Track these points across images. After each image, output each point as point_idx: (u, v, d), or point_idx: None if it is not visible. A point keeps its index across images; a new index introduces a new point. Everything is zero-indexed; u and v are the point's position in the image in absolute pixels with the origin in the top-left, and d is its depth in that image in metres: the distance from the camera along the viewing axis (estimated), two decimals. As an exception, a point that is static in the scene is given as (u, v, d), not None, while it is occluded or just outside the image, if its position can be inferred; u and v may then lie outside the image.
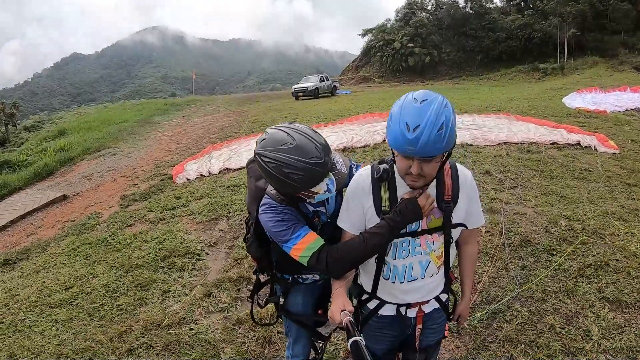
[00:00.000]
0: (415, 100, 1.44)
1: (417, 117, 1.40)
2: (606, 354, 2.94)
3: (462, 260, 1.94)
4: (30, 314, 4.04)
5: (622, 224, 4.63)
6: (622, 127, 9.15)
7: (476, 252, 1.94)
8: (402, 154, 1.47)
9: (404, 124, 1.41)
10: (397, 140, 1.44)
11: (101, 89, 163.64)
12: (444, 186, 1.69)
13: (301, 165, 1.55)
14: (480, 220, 1.81)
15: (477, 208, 1.79)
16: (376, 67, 42.57)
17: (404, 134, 1.40)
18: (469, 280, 1.95)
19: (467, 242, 1.91)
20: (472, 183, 1.75)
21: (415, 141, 1.39)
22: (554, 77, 25.95)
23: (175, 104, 22.58)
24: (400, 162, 1.53)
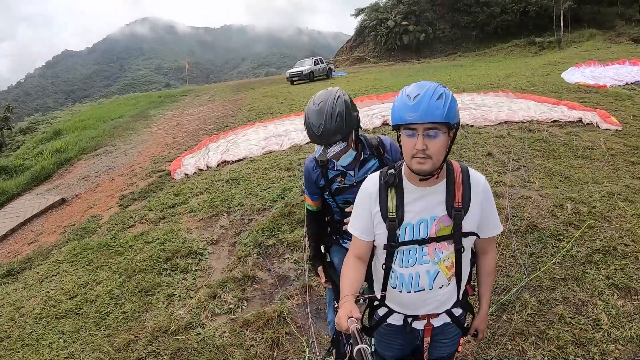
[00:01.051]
0: (415, 83, 1.56)
1: (416, 90, 1.50)
2: (616, 343, 2.92)
3: (480, 272, 1.87)
4: (37, 326, 4.01)
5: (629, 205, 4.59)
6: (624, 102, 9.01)
7: (495, 262, 1.87)
8: (404, 125, 1.50)
9: (406, 96, 1.51)
10: (400, 111, 1.50)
11: (94, 85, 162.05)
12: (454, 191, 1.63)
13: (306, 123, 2.08)
14: (497, 228, 1.75)
15: (493, 215, 1.72)
16: (370, 47, 42.08)
17: (405, 103, 1.49)
18: (486, 292, 1.88)
19: (485, 252, 1.84)
20: (487, 189, 1.68)
21: (416, 106, 1.46)
22: (550, 50, 25.62)
23: (170, 95, 22.33)
24: (406, 143, 1.53)
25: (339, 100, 2.02)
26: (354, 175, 2.23)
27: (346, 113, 2.00)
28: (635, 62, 13.74)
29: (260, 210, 5.56)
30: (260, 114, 12.43)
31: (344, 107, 2.00)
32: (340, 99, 2.03)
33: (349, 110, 2.03)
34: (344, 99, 2.03)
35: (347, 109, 2.02)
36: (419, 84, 1.53)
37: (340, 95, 2.05)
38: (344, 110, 2.00)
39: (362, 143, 2.23)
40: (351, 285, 1.64)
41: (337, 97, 2.03)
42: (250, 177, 6.73)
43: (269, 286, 4.12)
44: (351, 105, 2.07)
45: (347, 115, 2.01)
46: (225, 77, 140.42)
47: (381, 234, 1.68)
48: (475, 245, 1.81)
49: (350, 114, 2.03)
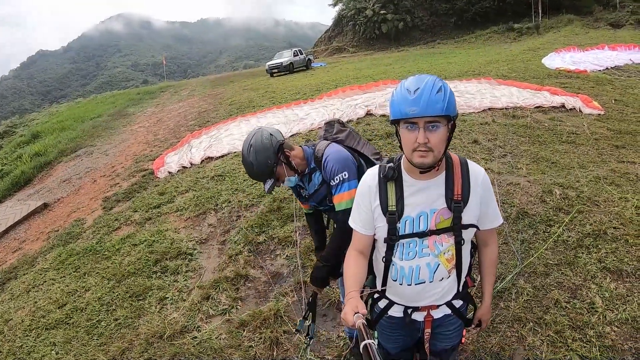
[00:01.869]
0: (414, 76, 1.54)
1: (416, 83, 1.48)
2: (612, 325, 2.97)
3: (482, 263, 1.88)
4: (27, 339, 3.89)
5: (615, 189, 4.65)
6: (604, 87, 9.16)
7: (497, 254, 1.88)
8: (406, 118, 1.48)
9: (405, 90, 1.48)
10: (400, 106, 1.48)
11: (71, 84, 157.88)
12: (454, 184, 1.62)
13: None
14: (497, 220, 1.75)
15: (493, 207, 1.72)
16: (349, 36, 41.89)
17: (406, 98, 1.47)
18: (489, 284, 1.89)
19: (486, 244, 1.85)
20: (486, 181, 1.68)
21: (417, 100, 1.44)
22: (529, 37, 25.83)
23: (149, 92, 21.90)
24: (406, 137, 1.52)
25: (251, 150, 2.21)
26: (306, 189, 2.48)
27: (259, 162, 2.20)
28: (614, 47, 13.99)
29: (248, 206, 5.49)
30: (241, 107, 12.29)
31: (255, 158, 2.20)
32: (252, 148, 2.21)
33: (262, 155, 2.20)
34: (255, 147, 2.21)
35: (260, 154, 2.20)
36: (417, 78, 1.51)
37: (253, 143, 2.22)
38: (256, 160, 2.20)
39: (307, 159, 2.39)
40: (355, 280, 1.64)
41: (250, 147, 2.22)
42: (236, 172, 6.63)
43: (262, 284, 4.07)
44: (265, 147, 2.22)
45: (261, 162, 2.20)
46: (204, 71, 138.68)
47: (381, 228, 1.68)
48: (476, 237, 1.82)
49: (264, 159, 2.21)
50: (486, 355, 2.85)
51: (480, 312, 1.93)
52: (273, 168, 2.23)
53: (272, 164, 2.22)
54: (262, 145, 2.21)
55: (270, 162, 2.21)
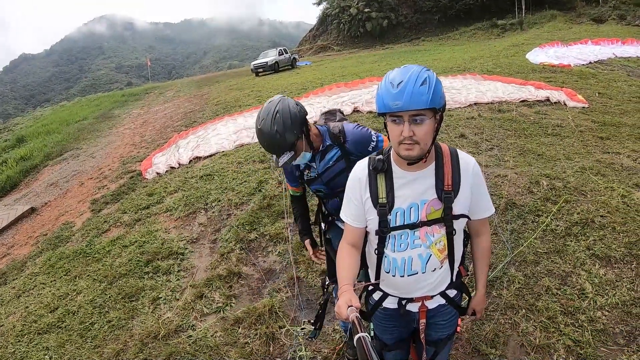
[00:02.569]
0: (399, 68, 1.53)
1: (400, 76, 1.47)
2: (603, 310, 3.04)
3: (475, 253, 1.89)
4: (20, 344, 3.83)
5: (601, 179, 4.74)
6: (588, 81, 9.31)
7: (489, 243, 1.87)
8: (390, 112, 1.48)
9: (389, 83, 1.47)
10: (384, 99, 1.48)
11: (55, 88, 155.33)
12: (444, 175, 1.62)
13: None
14: (488, 209, 1.75)
15: (484, 197, 1.73)
16: (334, 35, 41.96)
17: (389, 91, 1.46)
18: (482, 274, 1.90)
19: (478, 234, 1.85)
20: (476, 170, 1.68)
21: (400, 94, 1.43)
22: (513, 32, 26.16)
23: (133, 94, 21.65)
24: (392, 130, 1.52)
25: (277, 117, 2.03)
26: (316, 167, 2.33)
27: (286, 129, 2.04)
28: (597, 42, 14.20)
29: (238, 204, 5.47)
30: (228, 107, 12.21)
31: (282, 126, 2.03)
32: (279, 115, 2.04)
33: (289, 124, 2.05)
34: (283, 115, 2.04)
35: (287, 123, 2.04)
36: (402, 69, 1.50)
37: (280, 110, 2.05)
38: (283, 128, 2.03)
39: (322, 135, 2.28)
40: (348, 273, 1.64)
41: (276, 114, 2.04)
42: (225, 171, 6.61)
43: (255, 281, 4.06)
44: (293, 116, 2.07)
45: (287, 131, 2.04)
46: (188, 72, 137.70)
47: (373, 220, 1.68)
48: (468, 227, 1.82)
49: (291, 129, 2.05)
50: (481, 342, 2.90)
51: (474, 301, 1.94)
52: (296, 140, 2.10)
53: (296, 135, 2.08)
54: (289, 114, 2.06)
55: (295, 133, 2.07)
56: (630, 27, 20.21)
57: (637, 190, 4.47)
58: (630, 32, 17.54)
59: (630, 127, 6.46)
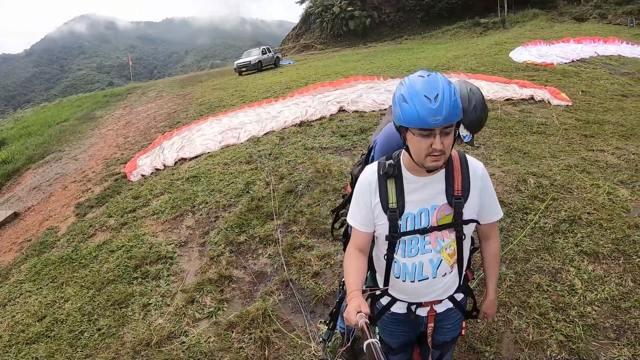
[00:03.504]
0: (422, 76, 1.46)
1: (433, 88, 1.41)
2: (593, 305, 3.10)
3: (485, 257, 1.90)
4: (8, 355, 3.72)
5: (587, 176, 4.84)
6: (571, 79, 9.48)
7: (499, 247, 1.89)
8: (426, 127, 1.43)
9: (423, 96, 1.41)
10: (419, 114, 1.41)
11: (35, 88, 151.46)
12: (454, 180, 1.63)
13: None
14: (497, 213, 1.77)
15: (493, 201, 1.74)
16: (317, 33, 41.84)
17: (426, 106, 1.40)
18: (493, 277, 1.91)
19: (487, 238, 1.86)
20: (485, 175, 1.70)
21: (440, 109, 1.39)
22: (495, 31, 26.43)
23: (115, 94, 21.32)
24: (419, 143, 1.48)
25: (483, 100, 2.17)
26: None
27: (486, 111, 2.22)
28: (579, 40, 14.46)
29: (226, 206, 5.42)
30: (212, 107, 12.13)
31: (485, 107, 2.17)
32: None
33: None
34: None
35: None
36: (428, 80, 1.45)
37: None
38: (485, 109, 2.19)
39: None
40: (356, 279, 1.62)
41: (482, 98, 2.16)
42: (211, 173, 6.55)
43: (247, 284, 4.03)
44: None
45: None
46: (170, 71, 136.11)
47: (382, 225, 1.66)
48: (478, 231, 1.83)
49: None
50: (476, 340, 2.93)
51: (485, 305, 1.94)
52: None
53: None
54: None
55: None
56: (611, 26, 20.64)
57: (622, 187, 4.57)
58: (612, 31, 17.93)
59: (613, 124, 6.60)
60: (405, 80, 1.51)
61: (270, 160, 6.57)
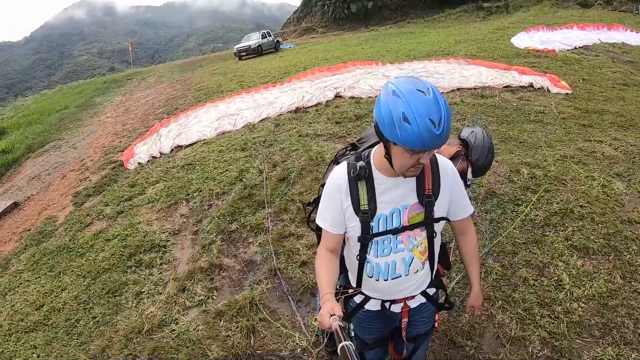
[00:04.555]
0: (421, 92, 1.38)
1: (437, 111, 1.36)
2: (579, 301, 3.10)
3: (464, 252, 1.90)
4: (7, 343, 3.80)
5: (582, 167, 4.79)
6: (572, 66, 9.32)
7: (476, 240, 1.90)
8: (423, 149, 1.40)
9: (429, 120, 1.34)
10: (422, 138, 1.36)
11: (36, 75, 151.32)
12: (424, 179, 1.63)
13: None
14: (467, 209, 1.78)
15: (463, 198, 1.75)
16: (318, 17, 41.30)
17: (430, 131, 1.35)
18: (475, 270, 1.91)
19: (463, 233, 1.87)
20: (454, 173, 1.70)
21: (441, 134, 1.37)
22: (498, 15, 25.98)
23: (115, 80, 21.16)
24: (406, 159, 1.46)
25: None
26: None
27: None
28: (583, 27, 14.12)
29: (220, 194, 5.46)
30: (210, 93, 12.07)
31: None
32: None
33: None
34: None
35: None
36: (432, 102, 1.37)
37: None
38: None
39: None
40: (328, 281, 1.63)
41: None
42: (206, 160, 6.56)
43: (236, 272, 4.08)
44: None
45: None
46: (171, 56, 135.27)
47: (354, 227, 1.66)
48: (453, 228, 1.85)
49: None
50: (457, 334, 2.95)
51: (471, 298, 1.96)
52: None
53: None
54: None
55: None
56: (616, 13, 20.23)
57: (617, 180, 4.53)
58: (616, 18, 17.57)
59: (613, 114, 6.50)
60: (400, 92, 1.39)
61: (264, 147, 6.57)
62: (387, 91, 1.43)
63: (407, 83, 1.41)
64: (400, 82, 1.43)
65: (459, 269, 3.48)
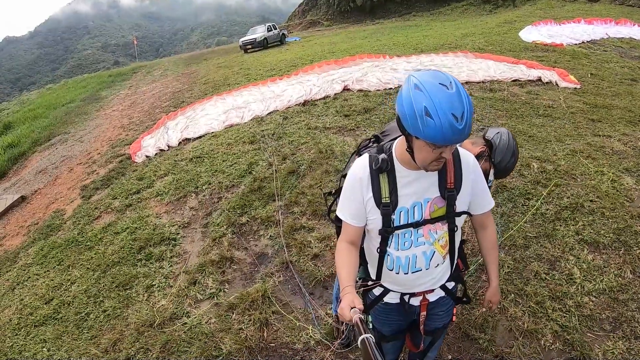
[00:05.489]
0: (444, 86, 1.37)
1: (459, 105, 1.35)
2: (590, 295, 3.10)
3: (483, 246, 1.90)
4: (17, 338, 3.83)
5: (591, 162, 4.77)
6: (580, 61, 9.24)
7: (495, 235, 1.90)
8: (447, 144, 1.40)
9: (451, 115, 1.33)
10: (444, 133, 1.35)
11: (41, 70, 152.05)
12: (446, 173, 1.62)
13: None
14: (489, 203, 1.78)
15: (485, 191, 1.74)
16: (323, 9, 41.15)
17: (453, 126, 1.34)
18: (493, 265, 1.92)
19: (484, 227, 1.87)
20: (476, 166, 1.69)
21: (464, 129, 1.35)
22: (505, 9, 25.80)
23: (121, 74, 21.22)
24: (429, 153, 1.45)
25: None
26: None
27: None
28: (591, 21, 13.98)
29: (229, 187, 5.46)
30: (216, 86, 12.09)
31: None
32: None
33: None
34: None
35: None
36: (455, 96, 1.36)
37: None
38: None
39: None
40: (349, 273, 1.62)
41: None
42: (214, 153, 6.57)
43: (248, 265, 4.08)
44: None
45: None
46: (176, 49, 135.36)
47: (375, 220, 1.65)
48: (473, 221, 1.84)
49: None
50: (470, 327, 2.95)
51: (489, 293, 1.95)
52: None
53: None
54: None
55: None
56: (623, 7, 19.98)
57: (627, 175, 4.51)
58: (624, 12, 17.37)
59: (621, 109, 6.45)
60: (422, 85, 1.38)
61: (273, 140, 6.57)
62: (409, 84, 1.42)
63: (429, 76, 1.40)
64: (422, 75, 1.42)
65: (471, 262, 3.49)
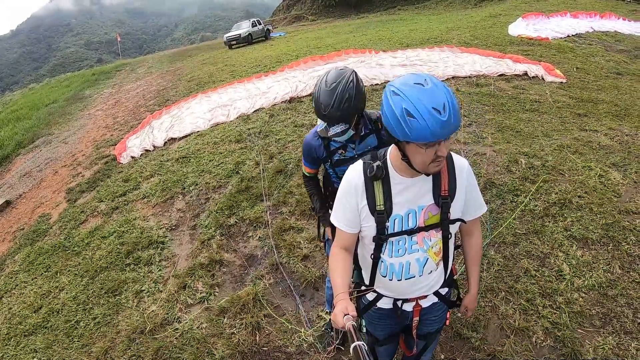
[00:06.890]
0: (419, 84, 1.38)
1: (438, 98, 1.34)
2: (579, 291, 3.12)
3: (467, 254, 1.90)
4: (7, 348, 3.76)
5: (579, 157, 4.80)
6: (566, 55, 9.32)
7: (480, 242, 1.89)
8: (436, 140, 1.37)
9: (432, 109, 1.33)
10: (432, 130, 1.34)
11: (23, 69, 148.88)
12: (441, 180, 1.61)
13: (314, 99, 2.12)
14: (481, 209, 1.76)
15: (477, 197, 1.73)
16: (308, 4, 41.07)
17: (437, 119, 1.33)
18: (475, 272, 1.91)
19: (470, 234, 1.86)
20: (470, 173, 1.68)
21: (449, 120, 1.34)
22: (490, 2, 25.90)
23: (104, 72, 20.85)
24: (424, 154, 1.44)
25: (351, 85, 2.06)
26: (354, 149, 2.33)
27: (355, 99, 2.06)
28: (576, 15, 14.10)
29: (216, 187, 5.41)
30: (201, 83, 11.99)
31: (354, 92, 2.05)
32: (352, 83, 2.07)
33: (359, 95, 2.08)
34: (356, 84, 2.07)
35: (358, 94, 2.07)
36: (432, 90, 1.36)
37: (353, 79, 2.08)
38: (354, 96, 2.05)
39: (363, 118, 2.28)
40: (342, 280, 1.62)
41: (350, 81, 2.06)
42: (201, 153, 6.51)
43: (237, 268, 4.05)
44: (363, 88, 2.11)
45: (356, 100, 2.06)
46: (160, 46, 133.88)
47: (369, 227, 1.65)
48: (460, 228, 1.81)
49: (360, 99, 2.08)
50: (462, 326, 2.96)
51: (467, 300, 1.95)
52: (358, 113, 2.14)
53: (360, 109, 2.13)
54: (362, 85, 2.11)
55: (362, 105, 2.14)
56: (608, 1, 20.18)
57: (614, 169, 4.55)
58: (608, 6, 17.54)
59: (607, 103, 6.52)
60: (399, 89, 1.39)
61: (259, 138, 6.51)
62: (387, 93, 1.44)
63: (404, 80, 1.42)
64: (397, 81, 1.44)
65: (460, 263, 3.51)
